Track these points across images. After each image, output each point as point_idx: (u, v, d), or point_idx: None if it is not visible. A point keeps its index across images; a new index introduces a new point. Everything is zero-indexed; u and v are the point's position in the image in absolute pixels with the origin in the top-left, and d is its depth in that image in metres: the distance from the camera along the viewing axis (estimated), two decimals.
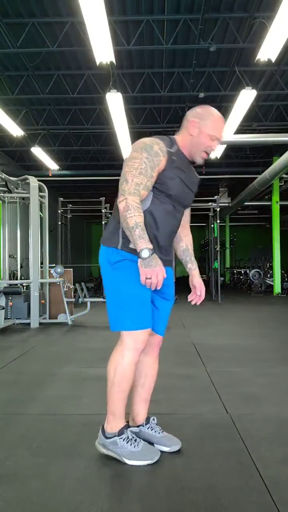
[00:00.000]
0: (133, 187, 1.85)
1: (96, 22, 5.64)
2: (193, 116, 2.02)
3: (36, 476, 1.87)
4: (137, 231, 1.79)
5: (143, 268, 1.80)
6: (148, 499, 1.70)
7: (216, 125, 2.01)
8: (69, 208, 13.84)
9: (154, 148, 1.92)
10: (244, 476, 1.85)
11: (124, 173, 1.90)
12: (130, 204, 1.81)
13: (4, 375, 3.70)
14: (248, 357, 4.33)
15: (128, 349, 1.97)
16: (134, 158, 1.90)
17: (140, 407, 2.15)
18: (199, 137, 2.00)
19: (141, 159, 1.88)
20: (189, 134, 2.02)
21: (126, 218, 1.81)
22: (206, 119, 2.00)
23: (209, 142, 2.00)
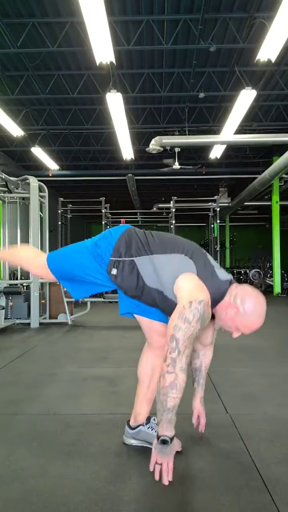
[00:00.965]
0: (184, 361, 1.71)
1: (96, 22, 5.65)
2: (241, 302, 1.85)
3: (36, 476, 1.87)
4: (170, 414, 1.71)
5: (157, 454, 1.73)
6: (148, 499, 1.70)
7: (251, 326, 1.87)
8: (69, 208, 13.82)
9: (205, 319, 1.81)
10: (244, 476, 1.85)
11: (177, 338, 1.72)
12: (179, 384, 1.69)
13: (4, 375, 3.70)
14: (248, 357, 4.33)
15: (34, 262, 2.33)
16: (189, 322, 1.74)
17: (143, 407, 2.15)
18: (230, 321, 1.89)
19: (194, 329, 1.75)
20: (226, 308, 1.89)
21: (167, 395, 1.70)
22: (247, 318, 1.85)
23: (233, 330, 1.91)
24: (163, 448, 1.71)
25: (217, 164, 14.49)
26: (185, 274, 1.87)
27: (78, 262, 2.05)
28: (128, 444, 2.15)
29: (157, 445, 1.72)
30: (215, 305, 1.89)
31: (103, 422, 2.48)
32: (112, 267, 1.96)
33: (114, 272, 1.95)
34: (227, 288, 1.91)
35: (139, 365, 2.17)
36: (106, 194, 14.89)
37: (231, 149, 13.50)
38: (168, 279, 1.89)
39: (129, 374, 3.27)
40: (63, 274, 2.14)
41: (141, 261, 1.93)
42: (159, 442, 1.71)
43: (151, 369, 2.13)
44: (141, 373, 2.16)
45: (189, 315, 1.74)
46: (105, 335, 5.76)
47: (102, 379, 3.45)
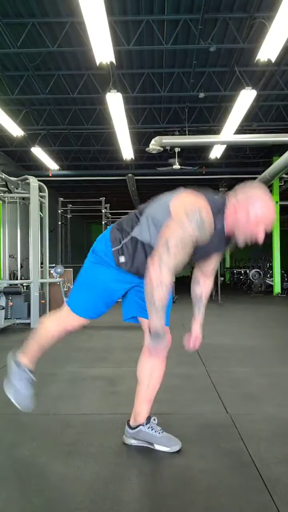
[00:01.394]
0: (173, 261, 1.74)
1: (96, 22, 5.64)
2: (244, 196, 1.83)
3: (36, 476, 1.87)
4: (161, 312, 1.78)
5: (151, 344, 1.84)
6: (148, 499, 1.70)
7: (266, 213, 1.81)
8: (69, 208, 13.84)
9: (205, 226, 1.77)
10: (244, 476, 1.85)
11: (168, 237, 1.75)
12: (165, 281, 1.73)
13: (4, 375, 3.69)
14: (248, 357, 4.33)
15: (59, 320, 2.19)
16: (183, 225, 1.75)
17: (142, 407, 2.15)
18: (246, 224, 1.81)
19: (189, 232, 1.74)
20: (235, 212, 1.83)
21: (154, 291, 1.74)
22: (258, 206, 1.80)
23: (254, 229, 1.81)
24: (156, 339, 1.82)
25: (217, 164, 14.48)
26: (177, 196, 1.91)
27: (91, 280, 2.06)
28: (128, 444, 2.15)
29: (151, 337, 1.83)
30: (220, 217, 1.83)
31: (103, 422, 2.49)
32: (118, 256, 1.96)
33: (123, 260, 1.96)
34: (223, 199, 1.90)
35: (138, 365, 2.18)
36: (106, 194, 14.89)
37: (231, 149, 13.49)
38: (163, 213, 1.87)
39: (129, 374, 3.26)
40: (91, 306, 2.10)
41: (138, 230, 1.96)
42: (152, 335, 1.82)
43: (150, 369, 2.14)
44: (140, 373, 2.16)
45: (184, 220, 1.76)
46: (105, 335, 5.76)
47: (102, 379, 3.45)
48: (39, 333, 2.20)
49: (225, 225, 1.87)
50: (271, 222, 1.83)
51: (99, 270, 2.03)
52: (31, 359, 2.21)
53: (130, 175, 14.37)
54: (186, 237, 1.75)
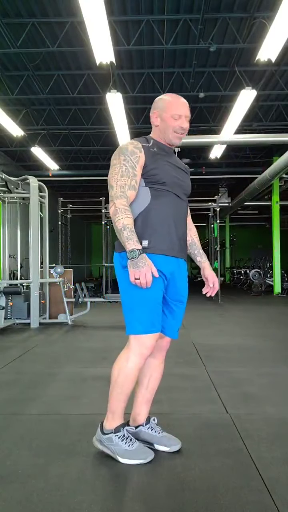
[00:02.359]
0: (119, 190, 1.91)
1: (96, 22, 5.65)
2: (152, 108, 2.10)
3: (36, 476, 1.87)
4: (125, 233, 1.85)
5: (131, 269, 1.85)
6: (148, 499, 1.70)
7: (173, 104, 2.04)
8: (69, 208, 13.83)
9: (129, 149, 1.97)
10: (244, 476, 1.85)
11: (108, 181, 1.98)
12: (118, 207, 1.89)
13: (4, 375, 3.70)
14: (248, 357, 4.33)
15: (134, 353, 1.97)
16: (113, 165, 1.98)
17: (142, 407, 2.15)
18: (164, 123, 2.04)
19: (120, 163, 1.95)
20: (155, 126, 2.10)
21: (115, 221, 1.88)
22: (162, 103, 2.06)
23: (174, 123, 2.03)
24: (134, 262, 1.83)
25: (217, 164, 14.49)
26: None
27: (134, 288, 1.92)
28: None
29: (130, 262, 1.85)
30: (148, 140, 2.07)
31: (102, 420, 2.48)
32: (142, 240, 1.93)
33: (145, 244, 1.93)
34: None
35: None
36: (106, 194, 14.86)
37: (231, 149, 13.49)
38: None
39: None
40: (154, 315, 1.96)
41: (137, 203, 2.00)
42: (129, 257, 1.84)
43: (149, 370, 2.14)
44: (139, 374, 2.16)
45: (112, 162, 2.00)
46: (105, 335, 5.76)
47: (102, 379, 3.44)
48: (118, 384, 1.99)
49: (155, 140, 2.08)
50: (182, 106, 2.04)
51: None
52: (121, 415, 2.03)
53: None
54: (118, 168, 1.94)
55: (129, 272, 1.86)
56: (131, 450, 1.97)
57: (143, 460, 1.96)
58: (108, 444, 1.99)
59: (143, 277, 1.83)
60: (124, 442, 1.98)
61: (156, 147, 2.05)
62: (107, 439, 2.00)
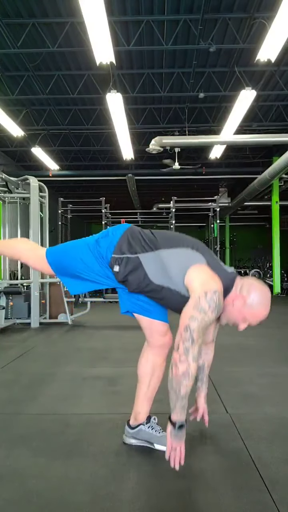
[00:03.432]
0: (197, 350, 1.73)
1: (96, 23, 5.65)
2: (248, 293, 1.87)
3: (36, 476, 1.87)
4: (184, 401, 1.74)
5: (172, 439, 1.77)
6: (148, 499, 1.70)
7: (258, 315, 1.89)
8: (69, 208, 13.83)
9: (220, 309, 1.83)
10: (244, 476, 1.85)
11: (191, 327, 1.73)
12: (191, 372, 1.71)
13: (4, 375, 3.70)
14: (248, 357, 4.33)
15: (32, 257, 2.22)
16: (204, 311, 1.75)
17: (143, 406, 2.15)
18: (237, 312, 1.90)
19: (209, 319, 1.76)
20: (233, 299, 1.90)
21: (181, 383, 1.71)
22: (255, 307, 1.87)
23: (240, 321, 1.91)
24: (179, 433, 1.76)
25: (217, 164, 14.49)
26: (196, 265, 1.87)
27: (77, 258, 2.04)
28: (128, 444, 2.15)
29: (174, 431, 1.76)
30: (224, 296, 1.88)
31: (103, 422, 2.48)
32: (115, 264, 1.95)
33: (117, 269, 1.95)
34: (234, 279, 1.92)
35: (139, 364, 2.17)
36: (106, 194, 14.88)
37: (231, 149, 13.49)
38: (177, 272, 1.88)
39: (129, 374, 3.27)
40: (61, 269, 2.12)
41: (146, 257, 1.93)
42: (176, 427, 1.75)
43: (151, 368, 2.13)
44: (141, 372, 2.16)
45: (204, 305, 1.75)
46: (105, 335, 5.76)
47: (102, 379, 3.45)
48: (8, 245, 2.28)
49: None
50: (257, 322, 1.92)
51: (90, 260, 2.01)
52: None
53: (130, 175, 14.38)
54: (206, 322, 1.76)
55: (168, 440, 1.77)
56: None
57: None
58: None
59: (179, 450, 1.76)
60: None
61: None
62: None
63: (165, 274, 1.90)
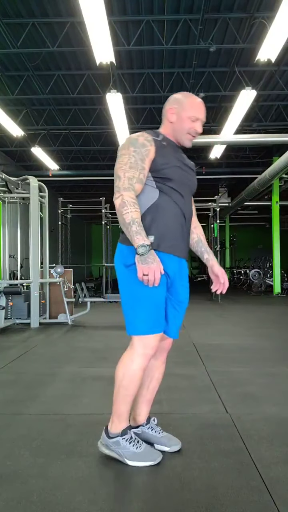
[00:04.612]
0: (127, 182, 1.85)
1: (96, 22, 5.65)
2: (170, 103, 2.05)
3: (36, 476, 1.87)
4: (133, 227, 1.78)
5: (140, 265, 1.78)
6: (148, 499, 1.70)
7: (193, 106, 2.01)
8: (69, 208, 13.84)
9: (139, 140, 1.93)
10: (244, 476, 1.85)
11: (115, 170, 1.91)
12: (126, 200, 1.82)
13: (4, 375, 3.70)
14: (248, 357, 4.33)
15: (138, 354, 1.93)
16: (122, 154, 1.92)
17: (142, 407, 2.15)
18: (180, 122, 2.02)
19: (129, 154, 1.89)
20: (169, 122, 2.05)
21: (122, 214, 1.81)
22: (182, 102, 2.01)
23: (190, 124, 2.01)
24: (143, 257, 1.77)
25: (217, 164, 14.49)
26: None
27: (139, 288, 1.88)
28: None
29: (138, 257, 1.78)
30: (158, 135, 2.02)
31: (103, 422, 2.48)
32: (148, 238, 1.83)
33: (152, 239, 1.89)
34: None
35: None
36: (106, 194, 14.88)
37: (231, 149, 13.50)
38: None
39: None
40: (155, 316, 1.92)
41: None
42: (138, 252, 1.77)
43: (150, 370, 2.13)
44: None
45: (121, 152, 1.94)
46: (105, 335, 5.76)
47: (102, 379, 3.45)
48: (123, 386, 1.94)
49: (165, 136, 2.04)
50: (199, 109, 2.02)
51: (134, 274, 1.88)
52: (127, 418, 2.00)
53: None
54: (127, 158, 1.88)
55: (137, 268, 1.78)
56: (139, 452, 1.95)
57: (152, 461, 1.95)
58: (115, 448, 1.96)
59: (152, 274, 1.76)
60: (132, 445, 1.95)
61: (166, 143, 2.01)
62: (114, 443, 1.96)
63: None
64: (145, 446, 1.99)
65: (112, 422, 2.00)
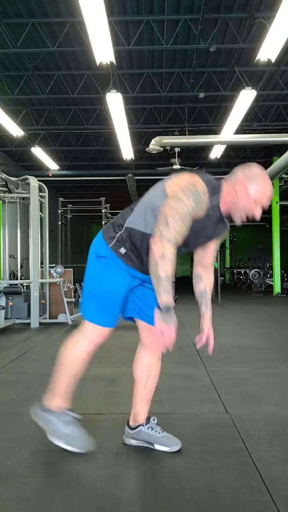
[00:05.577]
0: (173, 233, 1.76)
1: (96, 22, 5.64)
2: (246, 179, 1.86)
3: (36, 476, 1.87)
4: (165, 283, 1.74)
5: (160, 322, 1.76)
6: (148, 499, 1.70)
7: (265, 194, 1.86)
8: (69, 208, 13.85)
9: (201, 199, 1.82)
10: (244, 476, 1.85)
11: (166, 213, 1.77)
12: (167, 254, 1.74)
13: (4, 375, 3.70)
14: (248, 357, 4.33)
15: (86, 337, 2.04)
16: (180, 199, 1.78)
17: (141, 407, 2.15)
18: (244, 200, 1.87)
19: (187, 205, 1.77)
20: (235, 192, 1.88)
21: (157, 264, 1.74)
22: (257, 183, 1.85)
23: (252, 207, 1.87)
24: (166, 316, 1.75)
25: (217, 164, 14.48)
26: (172, 178, 1.94)
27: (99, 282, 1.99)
28: (128, 444, 2.15)
29: (160, 314, 1.76)
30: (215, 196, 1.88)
31: (103, 422, 2.49)
32: (118, 249, 1.94)
33: (123, 251, 1.93)
34: (219, 179, 1.95)
35: (134, 365, 2.18)
36: (106, 194, 14.89)
37: (231, 149, 13.49)
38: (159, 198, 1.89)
39: (129, 374, 3.25)
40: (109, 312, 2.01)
41: (131, 219, 1.96)
42: (162, 310, 1.75)
43: (147, 368, 2.14)
44: (137, 373, 2.16)
45: (181, 195, 1.79)
46: None
47: (102, 379, 3.44)
48: (65, 364, 2.06)
49: (220, 204, 1.91)
50: (268, 199, 1.89)
51: (110, 272, 1.97)
52: (64, 397, 2.05)
53: (130, 175, 14.37)
54: (183, 209, 1.78)
55: (156, 323, 1.77)
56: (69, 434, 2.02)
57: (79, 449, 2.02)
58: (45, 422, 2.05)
59: (168, 334, 1.75)
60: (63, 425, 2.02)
61: (212, 212, 1.88)
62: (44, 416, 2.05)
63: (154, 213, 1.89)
64: (78, 430, 2.05)
65: (47, 396, 2.07)
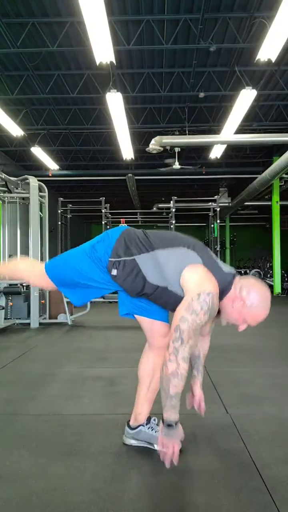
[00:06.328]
0: (187, 350, 1.75)
1: (96, 22, 5.65)
2: (248, 294, 1.85)
3: (36, 476, 1.86)
4: (174, 400, 1.76)
5: (163, 437, 1.77)
6: (148, 499, 1.70)
7: (256, 319, 1.89)
8: (69, 208, 13.84)
9: (214, 310, 1.83)
10: (244, 476, 1.84)
11: (181, 329, 1.75)
12: (181, 372, 1.73)
13: (4, 375, 3.70)
14: (248, 357, 4.32)
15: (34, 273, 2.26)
16: (195, 312, 1.76)
17: (143, 406, 2.15)
18: (237, 313, 1.88)
19: (200, 319, 1.77)
20: (233, 301, 1.88)
21: (169, 381, 1.74)
22: (254, 308, 1.85)
23: (240, 321, 1.90)
24: (168, 431, 1.76)
25: (217, 164, 14.49)
26: (191, 266, 1.87)
27: (77, 267, 2.02)
28: (128, 444, 2.15)
29: (163, 428, 1.78)
30: (221, 298, 1.87)
31: (103, 422, 2.48)
32: (112, 268, 1.94)
33: (114, 273, 1.94)
34: (231, 280, 1.90)
35: (140, 365, 2.17)
36: (106, 194, 14.89)
37: (231, 149, 13.49)
38: (173, 273, 1.87)
39: (129, 374, 3.27)
40: (63, 281, 2.11)
41: (143, 259, 1.92)
42: (164, 426, 1.77)
43: (152, 369, 2.13)
44: (142, 373, 2.15)
45: (196, 307, 1.76)
46: (105, 335, 5.76)
47: (102, 379, 3.44)
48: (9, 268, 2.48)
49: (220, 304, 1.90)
50: (256, 323, 1.90)
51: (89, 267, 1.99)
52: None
53: (130, 175, 14.38)
54: (197, 323, 1.77)
55: (159, 437, 1.79)
56: None
57: None
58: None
59: (171, 448, 1.75)
60: None
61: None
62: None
63: (162, 275, 1.89)
64: None
65: None
